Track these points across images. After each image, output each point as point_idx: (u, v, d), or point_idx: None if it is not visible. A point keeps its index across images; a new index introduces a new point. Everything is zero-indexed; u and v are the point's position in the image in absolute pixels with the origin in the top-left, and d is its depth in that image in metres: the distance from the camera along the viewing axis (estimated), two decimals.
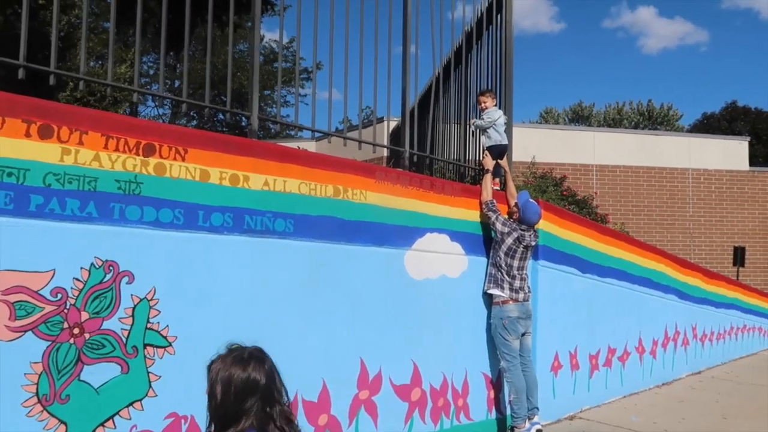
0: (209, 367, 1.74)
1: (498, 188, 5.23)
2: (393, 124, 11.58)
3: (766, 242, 15.62)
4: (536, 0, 53.06)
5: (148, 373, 3.01)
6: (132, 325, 2.97)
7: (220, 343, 1.86)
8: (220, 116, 23.70)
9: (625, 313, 6.77)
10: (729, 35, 56.48)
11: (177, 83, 21.25)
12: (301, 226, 3.67)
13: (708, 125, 33.38)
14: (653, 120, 33.85)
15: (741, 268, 14.32)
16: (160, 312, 3.06)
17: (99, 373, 2.86)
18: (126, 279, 2.96)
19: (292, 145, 12.02)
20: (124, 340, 2.94)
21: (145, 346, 3.00)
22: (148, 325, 3.03)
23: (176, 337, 3.12)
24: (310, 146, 13.76)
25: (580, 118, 35.22)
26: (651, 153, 14.77)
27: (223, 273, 3.31)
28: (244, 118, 21.80)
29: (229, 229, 3.35)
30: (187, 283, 3.17)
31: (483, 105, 5.26)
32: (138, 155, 3.05)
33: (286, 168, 3.65)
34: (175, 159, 3.17)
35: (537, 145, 12.73)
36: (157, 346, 3.04)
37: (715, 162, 15.26)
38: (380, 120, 11.52)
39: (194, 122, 23.42)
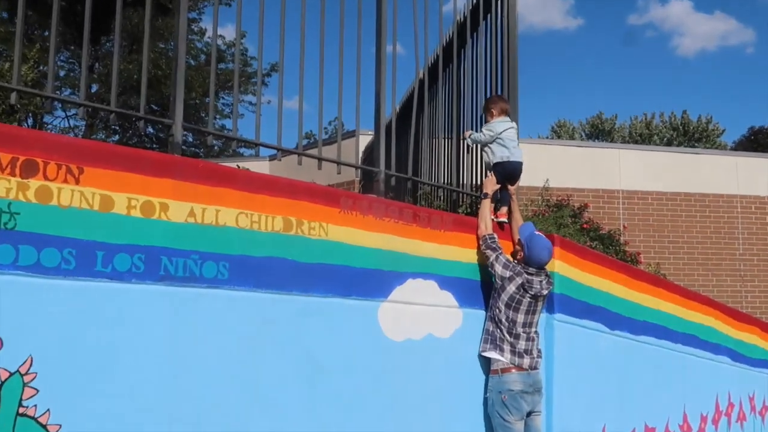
0: None
1: (503, 220, 5.13)
2: (367, 140, 11.55)
3: None
4: None
5: None
6: None
7: None
8: (151, 129, 23.55)
9: (665, 382, 6.64)
10: None
11: (95, 88, 21.09)
12: (240, 271, 3.57)
13: (756, 142, 34.06)
14: (689, 135, 34.52)
15: None
16: (38, 391, 2.90)
17: None
18: None
19: (241, 165, 11.87)
20: None
21: None
22: (21, 410, 2.85)
23: (60, 425, 2.94)
24: (263, 167, 13.61)
25: (600, 132, 35.76)
26: (690, 175, 14.89)
27: (130, 336, 3.19)
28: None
29: (140, 275, 3.24)
30: (79, 351, 3.03)
31: (487, 116, 5.23)
32: (13, 176, 2.92)
33: (220, 193, 3.54)
34: (65, 181, 3.06)
35: (548, 166, 12.72)
36: None
37: None
38: (349, 134, 11.45)
39: (116, 137, 23.22)
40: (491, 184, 5.02)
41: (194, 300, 3.39)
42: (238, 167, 4.37)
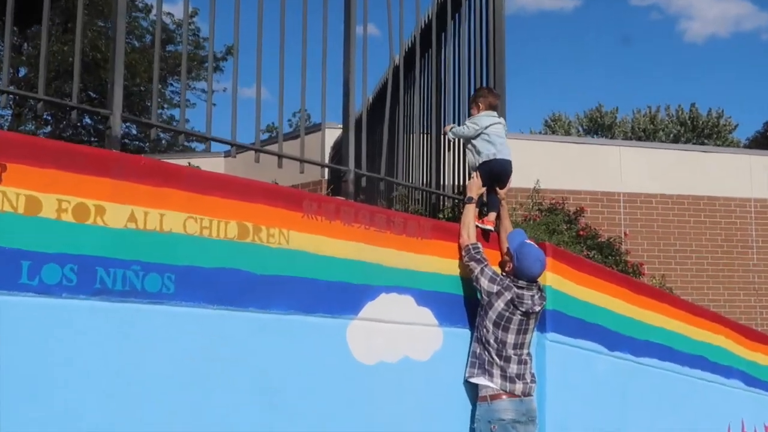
0: None
1: (489, 228, 5.14)
2: (335, 135, 11.53)
3: None
4: None
5: None
6: None
7: None
8: (89, 120, 23.33)
9: (671, 408, 6.69)
10: None
11: (23, 72, 20.87)
12: (187, 283, 3.55)
13: None
14: (698, 131, 34.96)
15: None
16: None
17: None
18: None
19: (192, 163, 11.80)
20: None
21: None
22: None
23: None
24: (217, 165, 13.53)
25: (599, 127, 36.10)
26: (699, 176, 15.04)
27: (61, 359, 3.16)
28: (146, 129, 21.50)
29: (72, 289, 3.20)
30: (2, 375, 3.00)
31: (472, 110, 5.27)
32: None
33: (165, 195, 3.51)
34: None
35: (541, 165, 12.79)
36: None
37: None
38: (315, 128, 11.42)
39: (48, 129, 22.97)
40: (476, 187, 5.04)
41: (135, 317, 3.36)
42: (190, 165, 4.33)
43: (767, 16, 58.47)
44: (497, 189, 5.16)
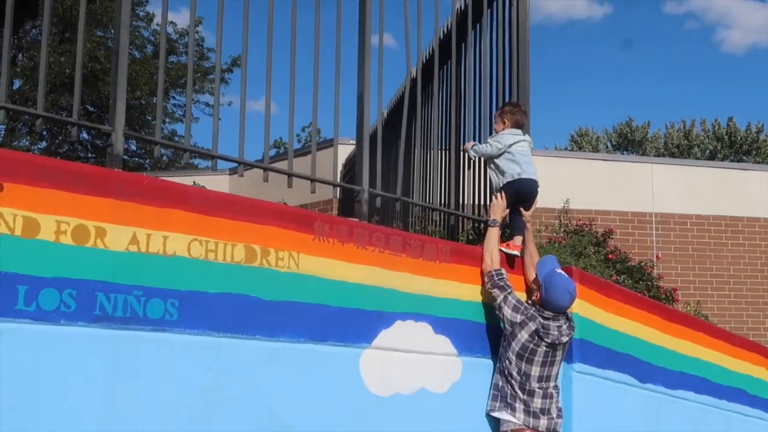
0: None
1: (515, 253, 5.13)
2: (347, 150, 11.59)
3: None
4: None
5: None
6: None
7: None
8: (85, 135, 23.50)
9: None
10: None
11: (17, 84, 21.06)
12: (192, 310, 3.56)
13: None
14: (736, 147, 34.79)
15: None
16: None
17: None
18: None
19: (197, 181, 11.88)
20: None
21: None
22: None
23: None
24: (222, 183, 13.61)
25: (629, 143, 36.02)
26: (737, 196, 14.99)
27: (58, 389, 3.15)
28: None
29: (70, 315, 3.21)
30: None
31: (497, 126, 5.29)
32: None
33: (169, 216, 3.54)
34: None
35: (566, 183, 12.81)
36: None
37: None
38: (326, 143, 11.49)
39: (43, 144, 23.17)
40: (500, 209, 5.03)
41: (136, 345, 3.36)
42: (195, 184, 4.36)
43: None
44: (522, 211, 5.15)
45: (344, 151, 11.75)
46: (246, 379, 3.71)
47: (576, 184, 13.23)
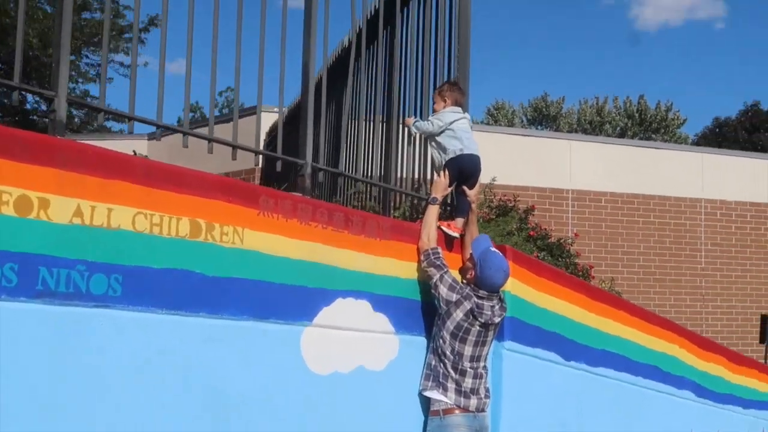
0: None
1: (455, 234, 5.14)
2: (270, 119, 11.35)
3: None
4: None
5: None
6: None
7: None
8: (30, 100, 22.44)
9: (625, 421, 6.84)
10: (756, 9, 60.09)
11: None
12: (136, 286, 3.49)
13: (721, 135, 35.67)
14: (645, 125, 35.74)
15: None
16: None
17: None
18: None
19: (109, 146, 11.54)
20: None
21: None
22: None
23: None
24: (140, 148, 13.29)
25: (544, 117, 36.60)
26: (650, 174, 15.36)
27: None
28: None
29: (11, 290, 3.12)
30: None
31: (437, 104, 5.29)
32: None
33: (114, 187, 3.44)
34: None
35: (486, 158, 12.87)
36: None
37: (738, 190, 16.06)
38: (249, 111, 11.16)
39: None
40: (441, 186, 5.05)
41: (79, 322, 3.30)
42: (135, 153, 4.22)
43: (722, 5, 59.92)
44: (466, 190, 5.17)
45: (268, 119, 11.40)
46: (188, 358, 3.67)
47: (495, 160, 13.30)
